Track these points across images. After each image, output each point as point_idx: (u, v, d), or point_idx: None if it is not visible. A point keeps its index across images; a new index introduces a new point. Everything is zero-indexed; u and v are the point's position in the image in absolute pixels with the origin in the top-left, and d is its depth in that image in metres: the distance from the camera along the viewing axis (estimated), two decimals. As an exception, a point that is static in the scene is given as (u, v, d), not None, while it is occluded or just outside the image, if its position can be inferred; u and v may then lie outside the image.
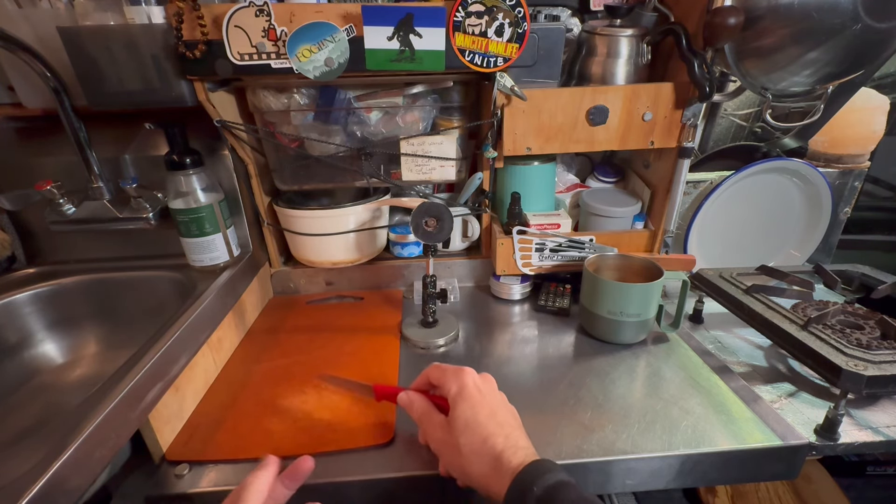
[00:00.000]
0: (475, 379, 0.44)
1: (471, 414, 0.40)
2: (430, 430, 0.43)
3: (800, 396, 0.55)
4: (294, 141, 0.71)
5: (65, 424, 0.37)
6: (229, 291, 0.65)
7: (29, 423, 0.56)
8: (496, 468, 0.37)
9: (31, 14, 0.58)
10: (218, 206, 0.65)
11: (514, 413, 0.44)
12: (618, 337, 0.65)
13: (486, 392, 0.43)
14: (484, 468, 0.38)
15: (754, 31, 0.57)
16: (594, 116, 0.66)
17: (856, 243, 0.96)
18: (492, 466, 0.38)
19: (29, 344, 0.63)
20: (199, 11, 0.54)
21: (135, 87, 0.57)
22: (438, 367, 0.46)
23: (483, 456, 0.39)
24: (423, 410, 0.45)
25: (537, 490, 0.34)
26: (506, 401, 0.45)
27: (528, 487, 0.35)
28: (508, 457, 0.37)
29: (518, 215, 0.75)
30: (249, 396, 0.57)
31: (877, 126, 0.80)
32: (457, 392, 0.42)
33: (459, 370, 0.44)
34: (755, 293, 0.65)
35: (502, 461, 0.37)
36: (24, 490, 0.31)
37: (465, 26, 0.58)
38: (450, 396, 0.42)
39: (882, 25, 0.52)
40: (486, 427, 0.40)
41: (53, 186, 0.61)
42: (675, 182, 0.71)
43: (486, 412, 0.41)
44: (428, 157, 0.73)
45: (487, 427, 0.40)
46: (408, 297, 0.81)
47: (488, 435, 0.39)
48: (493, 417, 0.41)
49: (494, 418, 0.41)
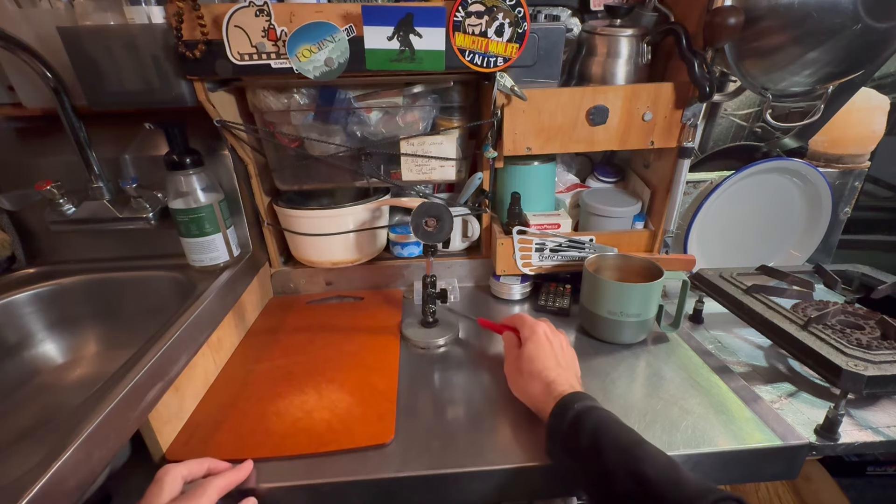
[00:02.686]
0: (546, 329, 0.55)
1: (534, 351, 0.52)
2: (508, 357, 0.57)
3: (800, 396, 0.55)
4: (294, 141, 0.71)
5: (65, 424, 0.37)
6: (229, 291, 0.65)
7: (29, 423, 0.56)
8: (546, 392, 0.48)
9: (31, 14, 0.58)
10: (218, 206, 0.65)
11: (572, 363, 0.54)
12: (618, 337, 0.65)
13: (552, 340, 0.54)
14: (537, 390, 0.49)
15: (754, 31, 0.57)
16: (594, 116, 0.66)
17: (856, 243, 0.96)
18: (543, 390, 0.49)
19: (29, 344, 0.63)
20: (199, 11, 0.54)
21: (135, 87, 0.57)
22: (520, 318, 0.58)
23: (538, 381, 0.50)
24: (511, 342, 0.57)
25: (576, 409, 0.44)
26: (572, 353, 0.56)
27: (567, 408, 0.44)
28: (556, 386, 0.48)
29: (518, 215, 0.75)
30: (249, 396, 0.57)
31: (877, 126, 0.80)
32: (528, 335, 0.55)
33: (535, 321, 0.56)
34: (755, 293, 0.65)
35: (551, 388, 0.48)
36: (24, 490, 0.31)
37: (465, 26, 0.58)
38: (523, 337, 0.56)
39: (882, 25, 0.52)
40: (544, 362, 0.51)
41: (53, 186, 0.61)
42: (675, 182, 0.71)
43: (546, 351, 0.52)
44: (428, 157, 0.73)
45: (546, 362, 0.51)
46: (408, 297, 0.81)
47: (544, 367, 0.50)
48: (552, 357, 0.52)
49: (554, 358, 0.52)
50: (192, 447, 0.49)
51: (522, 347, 0.54)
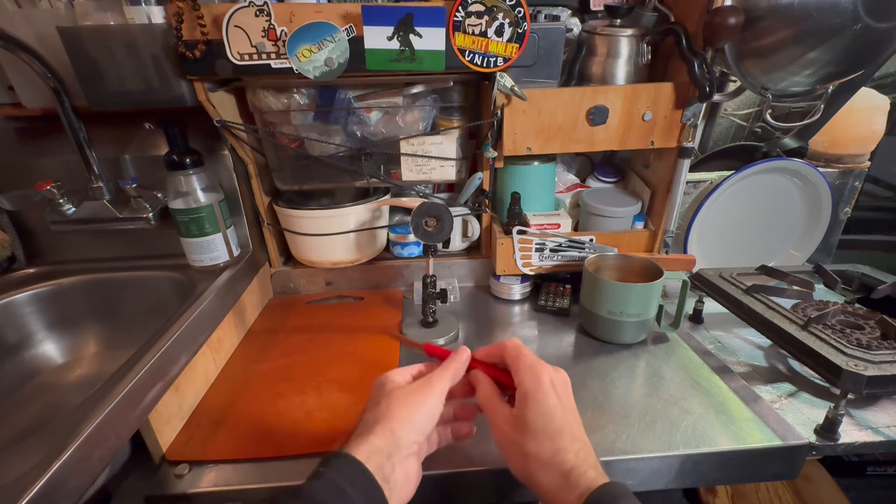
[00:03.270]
0: (552, 377, 0.39)
1: (542, 422, 0.37)
2: (494, 421, 0.40)
3: (800, 396, 0.55)
4: (294, 141, 0.71)
5: (65, 424, 0.37)
6: (229, 291, 0.65)
7: (29, 423, 0.56)
8: (564, 485, 0.35)
9: (31, 14, 0.58)
10: (218, 206, 0.65)
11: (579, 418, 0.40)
12: (618, 337, 0.65)
13: (562, 396, 0.39)
14: (551, 482, 0.36)
15: (754, 31, 0.57)
16: (594, 116, 0.66)
17: (856, 243, 0.96)
18: (560, 483, 0.36)
19: (29, 344, 0.63)
20: (198, 11, 0.54)
21: (135, 87, 0.57)
22: (516, 350, 0.41)
23: (551, 469, 0.36)
24: (488, 397, 0.41)
25: None
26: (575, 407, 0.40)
27: None
28: (578, 476, 0.35)
29: (518, 215, 0.75)
30: (249, 396, 0.57)
31: (877, 126, 0.80)
32: (530, 389, 0.38)
33: (537, 363, 0.40)
34: (755, 293, 0.65)
35: (571, 479, 0.35)
36: (24, 490, 0.31)
37: (465, 26, 0.58)
38: (520, 390, 0.39)
39: (882, 25, 0.52)
40: (558, 440, 0.37)
41: (53, 186, 0.61)
42: (675, 182, 0.71)
43: (559, 422, 0.37)
44: (428, 157, 0.73)
45: (559, 440, 0.37)
46: (408, 297, 0.81)
47: (559, 448, 0.36)
48: (566, 428, 0.37)
49: (568, 430, 0.37)
50: (192, 447, 0.49)
51: (521, 409, 0.38)
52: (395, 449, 0.35)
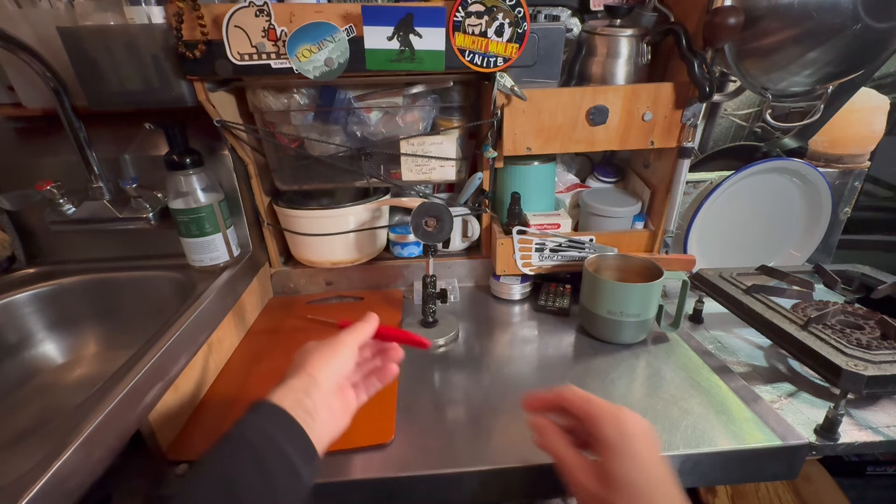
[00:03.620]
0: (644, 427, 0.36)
1: (636, 477, 0.33)
2: (572, 473, 0.36)
3: (800, 396, 0.55)
4: (294, 141, 0.71)
5: (65, 424, 0.37)
6: (229, 291, 0.65)
7: (29, 423, 0.56)
8: None
9: (31, 14, 0.58)
10: (218, 206, 0.65)
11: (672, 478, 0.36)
12: (618, 337, 0.65)
13: (654, 447, 0.35)
14: None
15: (754, 31, 0.57)
16: (594, 116, 0.66)
17: (856, 243, 0.96)
18: None
19: (29, 344, 0.63)
20: (199, 11, 0.54)
21: (135, 87, 0.57)
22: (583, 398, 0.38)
23: None
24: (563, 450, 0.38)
25: None
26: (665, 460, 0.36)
27: None
28: None
29: (518, 215, 0.75)
30: (249, 396, 0.56)
31: (877, 126, 0.80)
32: (619, 440, 0.35)
33: (619, 410, 0.36)
34: (755, 293, 0.65)
35: None
36: (24, 490, 0.31)
37: (465, 26, 0.58)
38: (607, 442, 0.35)
39: (882, 25, 0.52)
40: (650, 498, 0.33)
41: (53, 186, 0.61)
42: (675, 182, 0.71)
43: (653, 477, 0.34)
44: (428, 157, 0.73)
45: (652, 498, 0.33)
46: (408, 297, 0.81)
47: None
48: (660, 486, 0.34)
49: (661, 488, 0.34)
50: (193, 447, 0.49)
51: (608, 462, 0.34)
52: (313, 385, 0.38)
